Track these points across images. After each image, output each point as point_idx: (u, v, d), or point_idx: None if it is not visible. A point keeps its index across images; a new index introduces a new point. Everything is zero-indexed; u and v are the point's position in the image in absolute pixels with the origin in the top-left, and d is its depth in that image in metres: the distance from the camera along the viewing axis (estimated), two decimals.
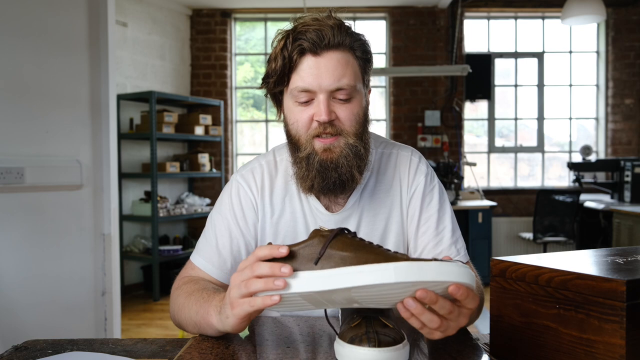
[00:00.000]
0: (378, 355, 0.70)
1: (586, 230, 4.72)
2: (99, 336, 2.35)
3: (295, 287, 0.71)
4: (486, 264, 4.10)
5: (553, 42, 5.66)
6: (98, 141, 2.33)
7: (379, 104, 5.63)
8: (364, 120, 1.01)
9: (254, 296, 0.75)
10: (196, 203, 5.06)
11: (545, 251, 4.79)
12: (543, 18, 5.62)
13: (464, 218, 4.72)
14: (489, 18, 5.63)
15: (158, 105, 4.72)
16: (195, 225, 5.35)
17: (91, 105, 2.30)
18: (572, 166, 4.84)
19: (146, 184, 4.76)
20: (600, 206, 4.30)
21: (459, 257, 1.07)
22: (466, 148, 5.61)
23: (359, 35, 1.00)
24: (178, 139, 4.89)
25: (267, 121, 5.74)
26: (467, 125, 5.66)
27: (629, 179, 4.34)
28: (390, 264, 0.66)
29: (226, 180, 5.31)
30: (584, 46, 5.70)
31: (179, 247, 4.80)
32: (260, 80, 1.04)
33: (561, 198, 4.60)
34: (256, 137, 5.82)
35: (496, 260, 0.82)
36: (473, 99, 5.53)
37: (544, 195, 4.65)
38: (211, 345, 0.86)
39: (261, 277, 0.74)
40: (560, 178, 5.73)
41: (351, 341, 0.73)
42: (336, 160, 0.97)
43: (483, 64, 5.45)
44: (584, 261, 0.80)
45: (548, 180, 5.71)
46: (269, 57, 1.01)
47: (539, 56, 5.64)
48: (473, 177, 5.41)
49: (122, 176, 4.52)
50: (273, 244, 0.76)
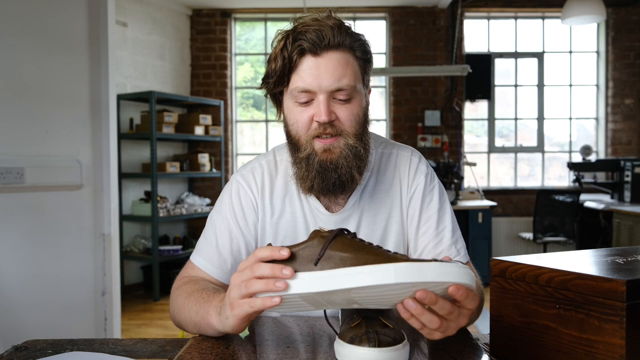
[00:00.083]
0: (378, 355, 0.70)
1: (586, 230, 4.72)
2: (99, 336, 2.35)
3: (295, 288, 0.71)
4: (486, 264, 4.09)
5: (553, 42, 5.66)
6: (98, 141, 2.33)
7: (379, 104, 5.63)
8: (363, 121, 1.01)
9: (254, 297, 0.75)
10: (196, 203, 5.06)
11: (545, 251, 4.78)
12: (543, 18, 5.61)
13: (464, 218, 4.72)
14: (489, 18, 5.63)
15: (158, 105, 4.72)
16: (195, 225, 5.35)
17: (91, 105, 2.30)
18: (572, 166, 4.84)
19: (146, 184, 4.76)
20: (600, 206, 4.30)
21: (459, 257, 1.07)
22: (466, 148, 5.61)
23: (358, 35, 1.00)
24: (178, 139, 4.89)
25: (267, 121, 5.74)
26: (467, 125, 5.66)
27: (629, 179, 4.34)
28: (390, 264, 0.66)
29: (226, 180, 5.31)
30: (584, 46, 5.70)
31: (179, 247, 4.80)
32: (260, 81, 1.04)
33: (561, 198, 4.60)
34: (256, 137, 5.82)
35: (496, 260, 0.82)
36: (473, 99, 5.52)
37: (544, 195, 4.65)
38: (211, 345, 0.86)
39: (262, 278, 0.74)
40: (560, 178, 5.73)
41: (351, 341, 0.73)
42: (336, 161, 0.97)
43: (483, 64, 5.45)
44: (584, 261, 0.80)
45: (548, 180, 5.71)
46: (268, 57, 1.01)
47: (539, 56, 5.64)
48: (473, 177, 5.41)
49: (122, 176, 4.52)
50: (273, 245, 0.76)
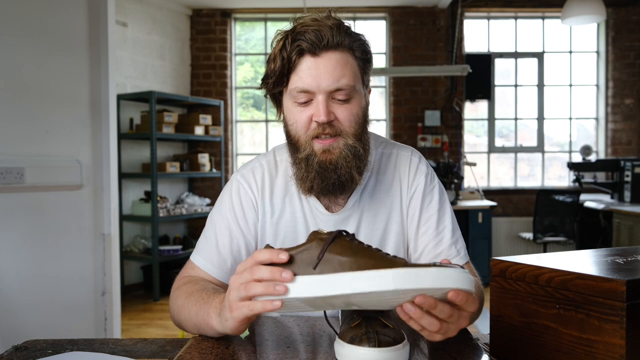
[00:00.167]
0: (378, 355, 0.70)
1: (586, 230, 4.72)
2: (99, 336, 2.35)
3: (294, 291, 0.71)
4: (486, 264, 4.09)
5: (553, 42, 5.66)
6: (98, 141, 2.33)
7: (379, 104, 5.63)
8: (363, 121, 1.01)
9: (254, 300, 0.75)
10: (196, 203, 5.06)
11: (545, 251, 4.78)
12: (543, 18, 5.61)
13: (464, 218, 4.72)
14: (489, 18, 5.62)
15: (158, 105, 4.72)
16: (195, 225, 5.34)
17: (91, 105, 2.30)
18: (572, 166, 4.84)
19: (146, 184, 4.76)
20: (600, 206, 4.30)
21: (459, 257, 1.07)
22: (466, 148, 5.61)
23: (358, 35, 0.99)
24: (178, 139, 4.89)
25: (267, 121, 5.74)
26: (467, 125, 5.66)
27: (629, 179, 4.34)
28: (388, 271, 0.66)
29: (226, 180, 5.31)
30: (584, 46, 5.70)
31: (179, 247, 4.80)
32: (260, 81, 1.04)
33: (561, 198, 4.60)
34: (256, 137, 5.82)
35: (496, 260, 0.82)
36: (473, 99, 5.52)
37: (544, 195, 4.65)
38: (211, 345, 0.86)
39: (261, 280, 0.73)
40: (560, 178, 5.73)
41: (351, 341, 0.73)
42: (335, 162, 0.97)
43: (483, 64, 5.45)
44: (584, 261, 0.80)
45: (548, 180, 5.71)
46: (268, 57, 1.01)
47: (539, 56, 5.64)
48: (473, 177, 5.41)
49: (122, 176, 4.52)
50: (272, 247, 0.76)
